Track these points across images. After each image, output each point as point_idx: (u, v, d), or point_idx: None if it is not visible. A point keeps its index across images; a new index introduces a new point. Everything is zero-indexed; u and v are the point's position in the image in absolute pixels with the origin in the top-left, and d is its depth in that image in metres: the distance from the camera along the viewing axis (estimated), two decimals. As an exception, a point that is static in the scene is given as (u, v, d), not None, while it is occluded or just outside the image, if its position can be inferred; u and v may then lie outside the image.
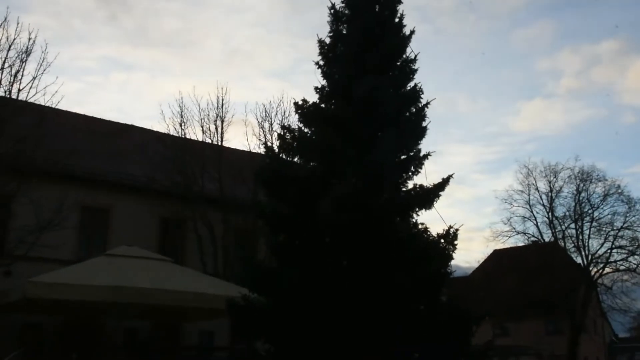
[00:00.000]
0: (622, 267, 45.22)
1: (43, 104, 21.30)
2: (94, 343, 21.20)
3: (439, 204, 12.05)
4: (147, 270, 18.51)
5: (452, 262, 11.36)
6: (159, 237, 26.12)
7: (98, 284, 16.91)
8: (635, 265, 45.00)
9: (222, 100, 28.36)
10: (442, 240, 11.30)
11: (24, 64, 19.84)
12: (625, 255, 45.44)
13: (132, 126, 31.53)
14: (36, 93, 20.02)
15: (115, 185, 25.32)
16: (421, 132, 12.49)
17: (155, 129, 29.71)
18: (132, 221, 24.95)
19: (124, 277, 17.35)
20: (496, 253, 56.07)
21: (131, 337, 22.52)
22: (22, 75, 19.78)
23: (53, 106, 21.24)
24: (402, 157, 12.39)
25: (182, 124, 27.85)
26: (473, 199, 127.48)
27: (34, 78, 19.84)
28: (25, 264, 20.65)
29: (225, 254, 25.69)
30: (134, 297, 17.29)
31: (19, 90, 19.71)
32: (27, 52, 19.89)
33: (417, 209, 11.87)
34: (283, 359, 10.56)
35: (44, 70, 19.97)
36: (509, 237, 56.58)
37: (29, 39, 19.80)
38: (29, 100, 19.88)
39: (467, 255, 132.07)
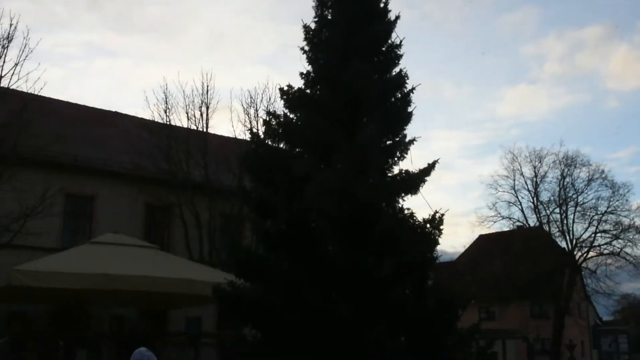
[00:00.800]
0: (606, 251, 45.68)
1: (26, 90, 21.08)
2: (80, 331, 21.12)
3: (424, 189, 12.11)
4: (133, 258, 18.44)
5: (438, 247, 11.43)
6: (144, 224, 26.01)
7: (84, 271, 16.82)
8: (619, 249, 45.46)
9: (207, 86, 28.17)
10: (428, 225, 11.34)
11: (5, 50, 19.58)
12: (609, 240, 45.90)
13: (116, 113, 31.30)
14: (18, 79, 19.78)
15: (100, 172, 25.14)
16: (406, 118, 12.49)
17: (140, 116, 29.50)
18: (117, 208, 24.81)
19: (109, 264, 17.27)
20: (482, 238, 56.43)
21: (118, 325, 22.49)
22: (4, 62, 19.54)
23: (36, 93, 21.03)
24: (388, 142, 12.40)
25: (167, 111, 27.67)
26: (459, 185, 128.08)
27: (16, 64, 19.60)
28: (9, 252, 20.51)
29: (211, 240, 25.65)
30: (120, 284, 17.22)
31: (1, 76, 19.49)
32: (9, 38, 19.64)
33: (402, 194, 11.89)
34: (270, 345, 10.57)
35: (26, 56, 19.72)
36: (494, 222, 56.96)
37: (10, 25, 19.55)
38: (11, 87, 19.66)
39: (453, 241, 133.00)
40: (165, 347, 20.28)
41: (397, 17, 12.98)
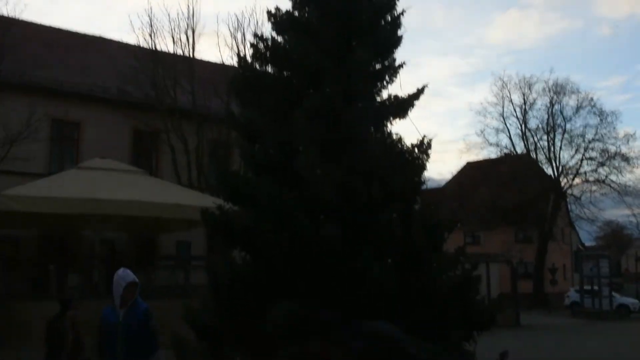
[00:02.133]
0: (591, 178, 46.36)
1: (6, 14, 20.53)
2: (71, 255, 21.37)
3: (413, 115, 12.02)
4: (121, 183, 18.49)
5: (426, 174, 11.42)
6: (132, 150, 25.98)
7: (72, 196, 16.88)
8: (605, 176, 46.12)
9: (193, 9, 27.79)
10: (416, 150, 11.31)
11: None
12: (595, 167, 46.45)
13: (100, 38, 30.69)
14: (-2, 2, 19.24)
15: (85, 97, 24.87)
16: (396, 41, 12.26)
17: (125, 41, 28.96)
18: (104, 134, 24.69)
19: (98, 189, 17.32)
20: (469, 165, 56.90)
21: (108, 249, 22.73)
22: (-17, -16, 18.97)
23: (16, 17, 20.49)
24: (377, 66, 12.20)
25: (152, 35, 27.19)
26: (448, 112, 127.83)
27: (-4, -14, 19.03)
28: (-4, 177, 20.52)
29: (199, 166, 25.69)
30: (108, 209, 17.33)
31: (-20, -1, 18.94)
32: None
33: (391, 119, 11.81)
34: (259, 267, 10.71)
35: (6, -23, 19.15)
36: (482, 149, 57.22)
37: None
38: (-10, 10, 19.15)
39: (441, 168, 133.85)
40: (156, 271, 20.63)
41: (388, -63, 12.55)
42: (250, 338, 10.19)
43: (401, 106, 11.82)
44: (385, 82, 12.17)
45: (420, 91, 11.94)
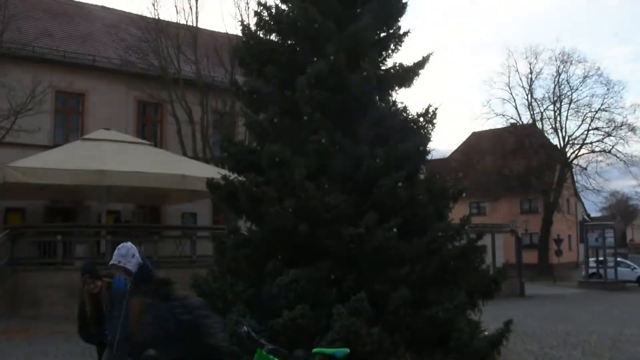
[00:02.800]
0: (597, 149, 46.09)
1: (8, -15, 20.37)
2: (78, 225, 21.49)
3: (419, 83, 11.94)
4: (127, 154, 18.51)
5: (432, 145, 11.41)
6: (136, 121, 25.96)
7: (78, 167, 16.92)
8: (611, 147, 45.84)
9: (196, -22, 27.29)
10: (421, 119, 11.25)
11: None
12: (601, 137, 46.17)
13: (103, 7, 30.48)
14: (-2, -29, 19.08)
15: (88, 68, 24.79)
16: (401, 9, 12.13)
17: (127, 11, 28.74)
18: (108, 105, 24.66)
19: (103, 160, 17.36)
20: (475, 135, 56.70)
21: (115, 220, 22.85)
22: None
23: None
24: (382, 34, 12.10)
25: (155, 4, 27.00)
26: (454, 82, 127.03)
27: (-5, -46, 18.85)
28: (2, 149, 20.55)
29: (204, 136, 25.67)
30: (114, 180, 17.38)
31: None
32: None
33: (396, 87, 11.74)
34: (264, 235, 10.76)
35: (6, -55, 18.97)
36: (488, 119, 56.88)
37: None
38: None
39: (446, 138, 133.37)
40: (162, 241, 20.74)
41: None
42: (256, 304, 10.27)
43: (406, 74, 11.73)
44: (390, 50, 12.08)
45: (425, 59, 11.84)
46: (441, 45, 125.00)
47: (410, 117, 11.28)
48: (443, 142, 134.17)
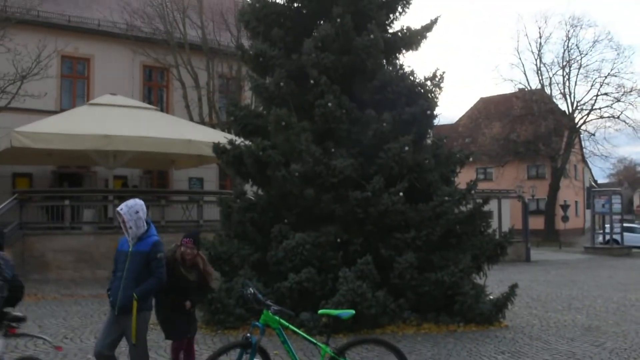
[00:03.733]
0: (606, 114, 45.66)
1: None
2: (85, 190, 21.59)
3: (427, 47, 11.86)
4: (133, 119, 18.47)
5: (439, 109, 11.32)
6: (142, 86, 25.86)
7: (84, 132, 16.91)
8: (620, 112, 45.43)
9: (201, -61, 26.82)
10: (429, 83, 11.18)
11: None
12: (610, 103, 45.70)
13: (107, -30, 30.03)
14: None
15: (94, 32, 24.62)
16: (408, -30, 11.97)
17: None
18: (114, 70, 24.55)
19: (110, 125, 17.33)
20: (482, 101, 56.31)
21: (122, 185, 22.93)
22: None
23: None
24: (389, -4, 11.94)
25: (160, -33, 26.54)
26: (462, 46, 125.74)
27: None
28: (8, 114, 20.55)
29: (210, 101, 25.58)
30: (121, 145, 17.38)
31: None
32: None
33: (403, 50, 11.65)
34: (271, 199, 10.79)
35: None
36: (496, 84, 56.32)
37: None
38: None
39: (454, 104, 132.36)
40: (170, 205, 20.84)
41: None
42: (263, 266, 10.35)
43: (413, 37, 11.63)
44: (397, 13, 11.94)
45: (432, 23, 11.73)
46: (449, 9, 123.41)
47: (417, 81, 11.20)
48: (451, 109, 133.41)
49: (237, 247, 10.50)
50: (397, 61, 11.75)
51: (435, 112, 11.04)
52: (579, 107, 45.67)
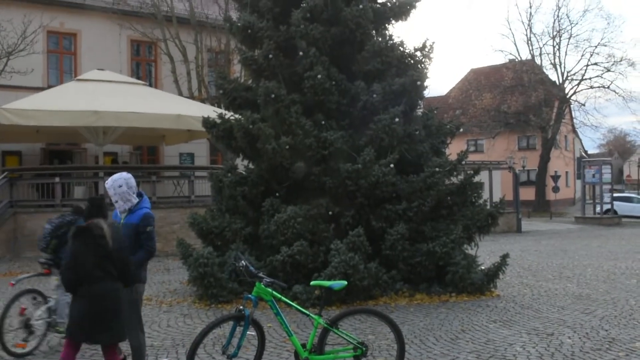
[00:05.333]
0: (596, 84, 45.63)
1: None
2: (74, 167, 21.46)
3: (416, 17, 11.76)
4: (122, 94, 18.32)
5: (429, 81, 11.23)
6: (130, 61, 25.60)
7: (73, 109, 16.75)
8: (610, 82, 45.40)
9: None
10: (418, 53, 11.11)
11: None
12: (600, 72, 45.65)
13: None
14: None
15: (79, 7, 24.27)
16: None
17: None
18: (101, 45, 24.27)
19: (99, 101, 17.17)
20: (473, 72, 56.19)
21: (112, 161, 22.82)
22: None
23: None
24: (378, -34, 11.81)
25: (146, -61, 26.08)
26: (451, 17, 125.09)
27: None
28: (-5, 91, 20.35)
29: (198, 75, 25.36)
30: (110, 121, 17.25)
31: None
32: None
33: (392, 21, 11.55)
34: (261, 172, 10.75)
35: None
36: (487, 54, 56.02)
37: None
38: None
39: (445, 76, 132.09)
40: (161, 181, 20.78)
41: None
42: (255, 240, 10.36)
43: (403, 7, 11.51)
44: (386, -17, 11.82)
45: (422, -8, 11.62)
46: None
47: (407, 51, 11.13)
48: (442, 81, 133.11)
49: (228, 222, 10.49)
50: (387, 32, 11.64)
51: (425, 83, 10.96)
52: (569, 78, 45.63)
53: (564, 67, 46.45)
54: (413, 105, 11.13)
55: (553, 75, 47.07)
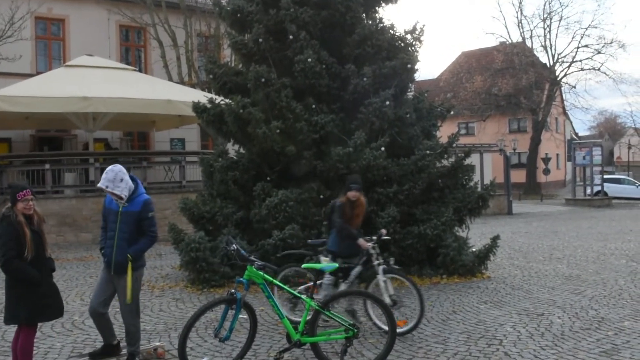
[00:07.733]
0: (586, 66, 45.71)
1: None
2: (66, 154, 21.35)
3: (406, 0, 11.72)
4: (112, 80, 18.21)
5: (419, 64, 11.21)
6: (119, 46, 25.42)
7: (62, 95, 16.65)
8: (600, 64, 45.50)
9: None
10: (409, 36, 11.09)
11: None
12: (591, 54, 45.76)
13: None
14: None
15: (67, -8, 24.04)
16: None
17: None
18: (90, 30, 24.07)
19: (88, 87, 17.07)
20: (464, 55, 56.17)
21: (104, 147, 22.72)
22: None
23: None
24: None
25: None
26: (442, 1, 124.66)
27: None
28: (-18, 78, 20.19)
29: (188, 60, 25.21)
30: (99, 107, 17.15)
31: None
32: None
33: (382, 3, 11.52)
34: (252, 157, 10.75)
35: None
36: (477, 37, 55.90)
37: None
38: None
39: (436, 59, 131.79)
40: (152, 167, 20.73)
41: None
42: (246, 224, 10.37)
43: (393, -10, 11.50)
44: (376, -34, 11.76)
45: (412, -26, 11.61)
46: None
47: (397, 34, 11.11)
48: (433, 64, 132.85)
49: (220, 206, 10.49)
50: (377, 15, 11.61)
51: (415, 66, 10.95)
52: (559, 60, 45.68)
53: (555, 50, 46.72)
54: (404, 88, 11.13)
55: (544, 58, 47.15)
